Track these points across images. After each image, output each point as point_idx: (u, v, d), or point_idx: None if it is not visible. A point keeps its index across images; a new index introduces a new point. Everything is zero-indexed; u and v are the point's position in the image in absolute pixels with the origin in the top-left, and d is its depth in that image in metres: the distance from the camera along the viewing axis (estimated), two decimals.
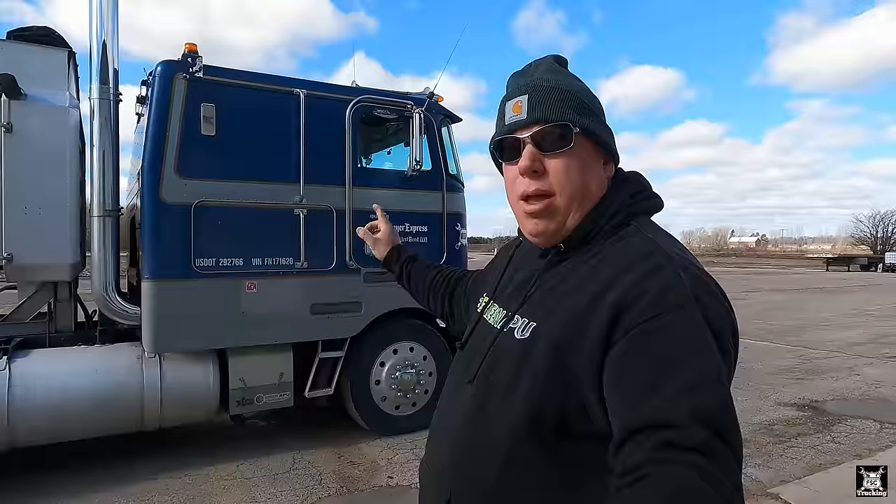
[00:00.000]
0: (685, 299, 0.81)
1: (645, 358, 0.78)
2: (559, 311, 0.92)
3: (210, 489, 3.93)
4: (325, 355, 4.73)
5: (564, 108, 0.96)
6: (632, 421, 0.76)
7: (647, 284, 0.83)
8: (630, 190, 1.03)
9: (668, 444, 0.71)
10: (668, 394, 0.74)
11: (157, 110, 4.11)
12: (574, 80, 1.03)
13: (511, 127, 0.99)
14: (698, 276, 0.86)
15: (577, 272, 0.96)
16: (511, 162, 1.01)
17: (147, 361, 4.16)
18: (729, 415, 0.75)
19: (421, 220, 5.12)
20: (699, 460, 0.69)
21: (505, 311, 1.07)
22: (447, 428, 1.08)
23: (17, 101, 3.82)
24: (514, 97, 1.00)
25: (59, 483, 3.95)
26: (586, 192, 0.98)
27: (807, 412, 5.73)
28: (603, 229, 0.98)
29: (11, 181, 3.83)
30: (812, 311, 15.09)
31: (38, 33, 4.23)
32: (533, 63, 1.07)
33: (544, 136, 0.96)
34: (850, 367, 7.92)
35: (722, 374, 0.78)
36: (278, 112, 4.50)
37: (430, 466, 1.12)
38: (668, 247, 0.91)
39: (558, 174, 0.96)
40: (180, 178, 4.13)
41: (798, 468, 4.25)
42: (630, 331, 0.81)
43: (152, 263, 4.07)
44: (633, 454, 0.73)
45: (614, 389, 0.80)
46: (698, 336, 0.79)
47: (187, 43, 4.24)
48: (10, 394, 3.72)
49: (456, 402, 1.08)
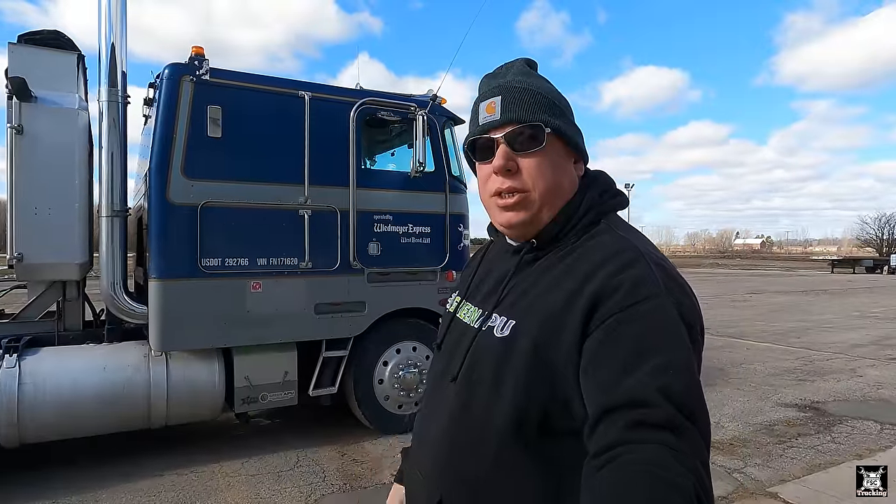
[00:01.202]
0: (658, 292, 0.85)
1: (619, 344, 0.82)
2: (537, 308, 0.94)
3: (215, 486, 3.99)
4: (329, 354, 4.78)
5: (536, 109, 0.99)
6: (606, 401, 0.79)
7: (622, 278, 0.87)
8: (599, 189, 1.06)
9: (640, 423, 0.75)
10: (639, 376, 0.78)
11: (165, 112, 4.18)
12: (545, 83, 1.06)
13: (485, 127, 1.02)
14: (669, 272, 0.90)
15: (553, 270, 0.98)
16: (485, 161, 1.04)
17: (154, 360, 4.23)
18: (697, 396, 0.80)
19: (424, 220, 5.17)
20: (668, 438, 0.73)
21: (481, 309, 1.08)
22: (432, 428, 1.09)
23: (27, 103, 3.90)
24: (487, 98, 1.03)
25: (68, 479, 4.01)
26: (558, 189, 1.01)
27: (808, 413, 5.75)
28: (575, 227, 1.01)
29: (22, 182, 3.90)
30: (815, 312, 15.06)
31: (49, 37, 4.31)
32: (504, 65, 1.09)
33: (517, 136, 0.99)
34: (852, 368, 7.93)
35: (691, 362, 0.82)
36: (283, 114, 4.56)
37: (417, 468, 1.13)
38: (640, 243, 0.95)
39: (531, 172, 0.99)
40: (187, 179, 4.20)
41: (798, 468, 4.28)
42: (605, 320, 0.84)
43: (160, 263, 4.13)
44: (607, 433, 0.77)
45: (589, 375, 0.84)
46: (670, 326, 0.83)
47: (194, 46, 4.31)
48: (20, 391, 3.79)
49: (439, 401, 1.08)
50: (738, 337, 10.65)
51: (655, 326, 0.82)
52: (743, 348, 9.53)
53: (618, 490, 0.72)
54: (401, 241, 5.05)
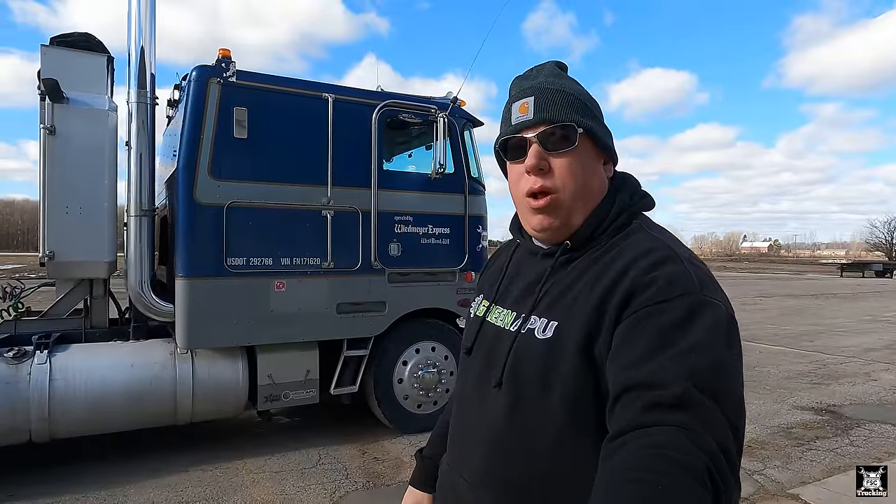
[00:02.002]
0: (692, 289, 0.86)
1: (645, 330, 0.83)
2: (579, 307, 0.95)
3: (241, 482, 4.05)
4: (350, 354, 4.84)
5: (569, 110, 1.01)
6: (625, 382, 0.80)
7: (656, 275, 0.88)
8: (629, 190, 1.07)
9: (656, 405, 0.75)
10: (661, 360, 0.79)
11: (192, 114, 4.24)
12: (575, 84, 1.07)
13: (517, 127, 1.03)
14: (703, 271, 0.92)
15: (589, 270, 0.98)
16: (517, 161, 1.04)
17: (180, 357, 4.29)
18: (723, 377, 0.79)
19: (443, 222, 5.22)
20: (682, 418, 0.73)
21: (515, 312, 1.07)
22: (476, 434, 1.06)
23: (59, 104, 3.97)
24: (520, 98, 1.05)
25: (97, 474, 4.08)
26: (589, 190, 1.03)
27: (824, 416, 5.76)
28: (608, 228, 1.02)
29: (54, 182, 3.98)
30: (827, 316, 15.01)
31: (79, 39, 4.38)
32: (535, 67, 1.11)
33: (550, 135, 1.00)
34: (867, 372, 7.92)
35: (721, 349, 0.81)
36: (307, 116, 4.62)
37: (459, 470, 1.10)
38: (674, 244, 0.97)
39: (563, 172, 1.00)
40: (213, 179, 4.26)
41: (817, 470, 4.30)
42: (636, 311, 0.86)
43: (186, 262, 4.20)
44: (624, 414, 0.78)
45: (614, 359, 0.85)
46: (701, 319, 0.83)
47: (221, 48, 4.38)
48: (52, 386, 3.86)
49: (481, 408, 1.07)
50: (751, 340, 10.63)
51: (685, 318, 0.83)
52: (755, 351, 9.52)
53: (629, 475, 0.71)
54: (421, 241, 5.10)
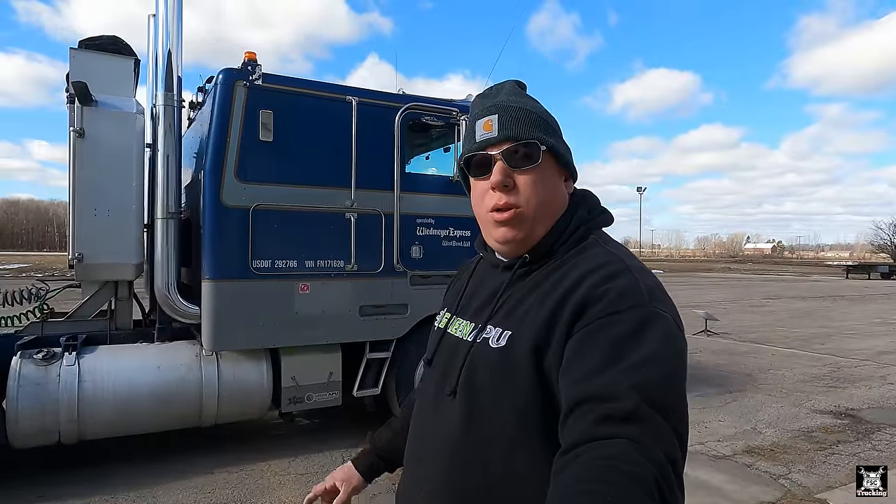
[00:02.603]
0: (642, 302, 0.88)
1: (597, 344, 0.84)
2: (531, 318, 0.97)
3: (267, 484, 4.06)
4: (372, 356, 4.85)
5: (531, 128, 1.03)
6: (577, 395, 0.81)
7: (607, 287, 0.90)
8: (587, 206, 1.10)
9: (607, 417, 0.76)
10: (613, 373, 0.80)
11: (219, 116, 4.25)
12: (536, 103, 1.10)
13: (482, 144, 1.05)
14: (654, 285, 0.93)
15: (545, 282, 1.01)
16: (481, 177, 1.06)
17: (205, 359, 4.31)
18: (673, 393, 0.81)
19: (464, 224, 5.21)
20: (633, 431, 0.74)
21: (474, 323, 1.10)
22: (433, 443, 1.09)
23: (88, 107, 3.99)
24: (484, 116, 1.06)
25: (125, 475, 4.09)
26: (551, 205, 1.05)
27: (844, 420, 5.75)
28: (566, 242, 1.05)
29: (83, 184, 4.00)
30: (836, 319, 14.96)
31: (107, 42, 4.40)
32: (496, 86, 1.14)
33: (514, 153, 1.02)
34: (882, 375, 7.89)
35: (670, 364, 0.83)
36: (331, 118, 4.63)
37: (419, 484, 1.11)
38: (625, 257, 0.99)
39: (526, 189, 1.02)
40: (239, 182, 4.28)
41: (842, 475, 4.29)
42: (588, 324, 0.87)
43: (213, 264, 4.21)
44: (576, 427, 0.79)
45: (566, 372, 0.86)
46: (651, 331, 0.85)
47: (247, 52, 4.39)
48: (80, 388, 3.89)
49: (437, 416, 1.09)
50: (763, 343, 10.61)
51: (635, 330, 0.84)
52: (768, 354, 9.50)
53: (580, 487, 0.72)
54: (442, 244, 5.10)
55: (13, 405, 3.73)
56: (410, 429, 1.21)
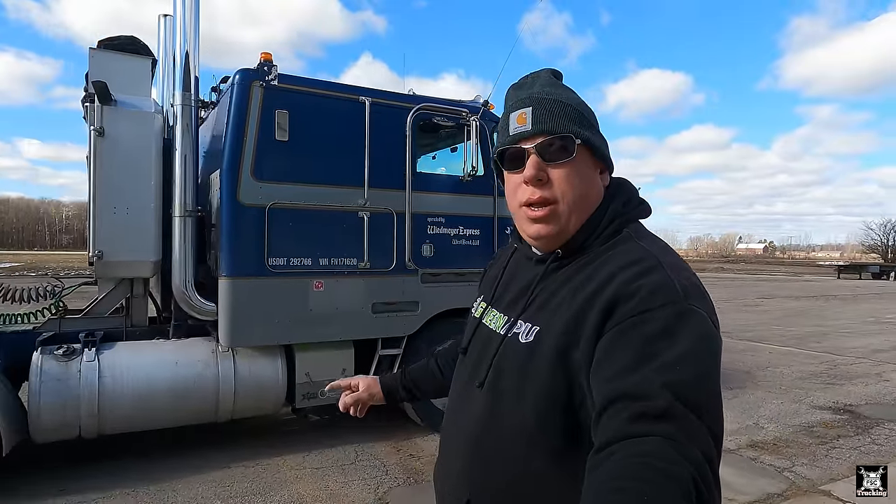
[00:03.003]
0: (676, 298, 0.86)
1: (629, 342, 0.83)
2: (560, 314, 0.97)
3: (284, 477, 4.13)
4: (384, 352, 4.93)
5: (566, 121, 1.01)
6: (610, 393, 0.80)
7: (640, 283, 0.88)
8: (623, 198, 1.08)
9: (641, 415, 0.75)
10: (646, 371, 0.79)
11: (236, 116, 4.31)
12: (571, 94, 1.08)
13: (515, 137, 1.03)
14: (689, 279, 0.91)
15: (576, 277, 1.00)
16: (514, 171, 1.05)
17: (221, 355, 4.37)
18: (707, 392, 0.79)
19: (474, 223, 5.30)
20: (668, 429, 0.73)
21: (506, 316, 1.10)
22: (461, 432, 1.11)
23: (108, 106, 4.04)
24: (517, 109, 1.05)
25: (142, 469, 4.15)
26: (585, 199, 1.04)
27: (843, 415, 5.88)
28: (600, 236, 1.03)
29: (103, 183, 4.05)
30: (830, 318, 15.16)
31: (126, 42, 4.45)
32: (530, 76, 1.11)
33: (548, 146, 1.00)
34: (878, 373, 8.05)
35: (704, 363, 0.81)
36: (345, 119, 4.70)
37: (447, 469, 1.15)
38: (660, 252, 0.97)
39: (561, 183, 1.01)
40: (256, 180, 4.34)
41: (844, 468, 4.40)
42: (620, 322, 0.86)
43: (230, 261, 4.27)
44: (609, 425, 0.78)
45: (598, 371, 0.85)
46: (684, 329, 0.83)
47: (263, 52, 4.45)
48: (101, 383, 3.94)
49: (467, 406, 1.11)
50: (759, 341, 10.77)
51: (668, 328, 0.83)
52: (765, 352, 9.65)
53: (614, 484, 0.71)
54: (452, 242, 5.19)
55: (35, 400, 3.78)
56: (447, 409, 1.24)
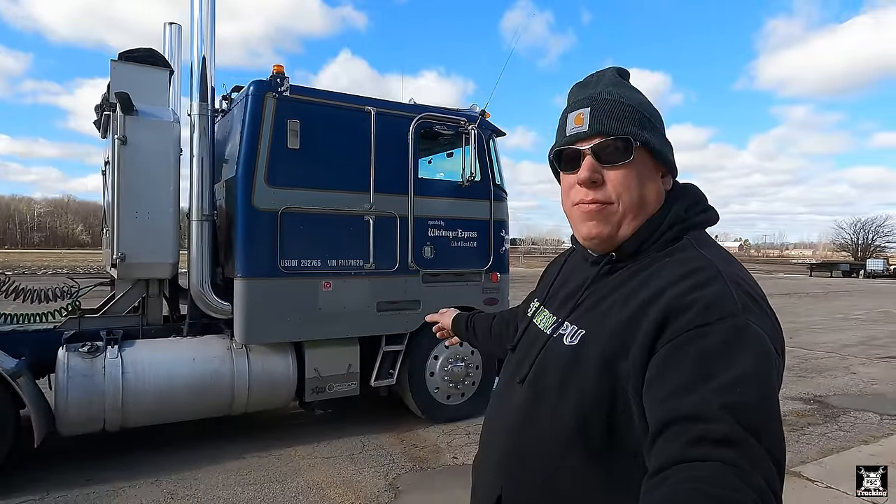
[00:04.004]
0: (734, 311, 0.82)
1: (685, 360, 0.79)
2: (608, 320, 0.94)
3: (297, 466, 4.39)
4: (388, 349, 5.21)
5: (626, 122, 0.98)
6: (667, 415, 0.76)
7: (696, 295, 0.84)
8: (685, 203, 1.03)
9: (700, 439, 0.71)
10: (703, 392, 0.75)
11: (251, 125, 4.55)
12: (636, 94, 1.04)
13: (571, 138, 1.02)
14: (748, 292, 0.87)
15: (629, 283, 0.97)
16: (570, 172, 1.03)
17: (236, 352, 4.61)
18: (767, 415, 0.75)
19: (471, 226, 5.61)
20: (728, 454, 0.70)
21: (555, 316, 1.09)
22: (501, 426, 1.11)
23: (130, 116, 4.25)
24: (576, 109, 1.03)
25: (163, 461, 4.36)
26: (643, 203, 1.00)
27: (813, 405, 6.31)
28: (657, 242, 1.00)
29: (126, 189, 4.26)
30: (802, 315, 15.80)
31: (145, 54, 4.66)
32: (595, 74, 1.09)
33: (604, 148, 0.98)
34: (846, 366, 8.55)
35: (764, 382, 0.77)
36: (352, 127, 4.97)
37: (484, 461, 1.16)
38: (720, 262, 0.92)
39: (616, 185, 0.98)
40: (269, 186, 4.59)
41: (813, 452, 4.81)
42: (674, 338, 0.82)
43: (245, 263, 4.52)
44: (666, 449, 0.74)
45: (652, 390, 0.82)
46: (742, 346, 0.79)
47: (275, 65, 4.69)
48: (124, 379, 4.16)
49: (508, 401, 1.10)
50: None
51: (726, 345, 0.79)
52: None
53: None
54: (451, 244, 5.48)
55: (63, 395, 3.99)
56: (489, 403, 1.25)
